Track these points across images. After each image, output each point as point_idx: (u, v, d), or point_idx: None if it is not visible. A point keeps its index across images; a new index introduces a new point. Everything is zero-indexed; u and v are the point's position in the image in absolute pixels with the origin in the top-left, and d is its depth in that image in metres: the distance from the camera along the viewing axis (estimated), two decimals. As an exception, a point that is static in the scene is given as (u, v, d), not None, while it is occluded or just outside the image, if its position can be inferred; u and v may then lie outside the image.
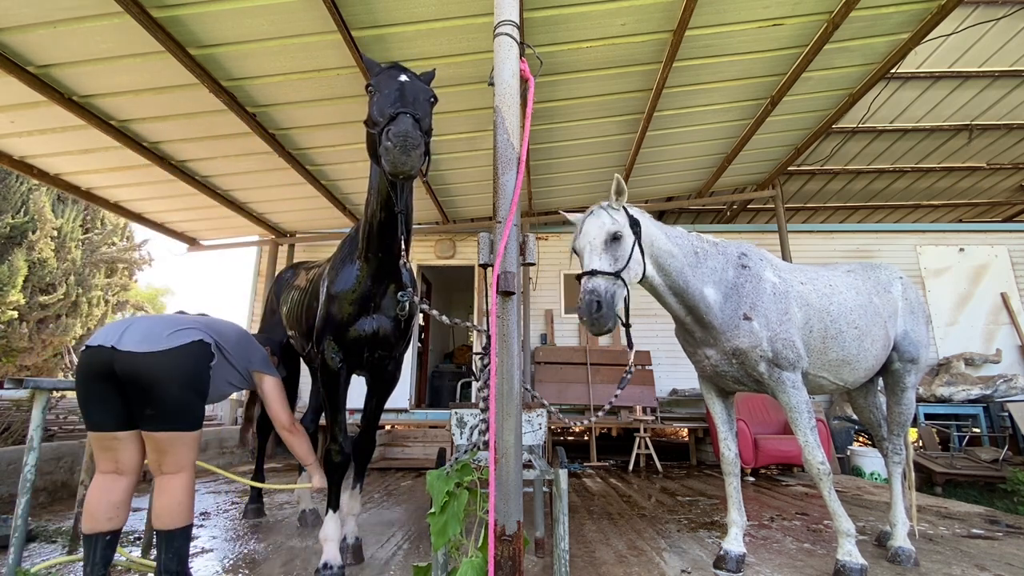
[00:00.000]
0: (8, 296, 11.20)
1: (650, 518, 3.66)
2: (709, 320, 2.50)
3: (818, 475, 2.37)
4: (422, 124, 1.98)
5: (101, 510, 1.86)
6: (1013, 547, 2.95)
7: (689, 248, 2.54)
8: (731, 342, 2.46)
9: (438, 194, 6.83)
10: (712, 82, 4.92)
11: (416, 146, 1.84)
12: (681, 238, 2.56)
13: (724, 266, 2.57)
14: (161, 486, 1.91)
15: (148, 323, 1.99)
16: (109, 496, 1.88)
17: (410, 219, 2.34)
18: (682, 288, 2.46)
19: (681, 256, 2.47)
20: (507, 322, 1.54)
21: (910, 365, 2.84)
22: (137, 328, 1.94)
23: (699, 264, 2.51)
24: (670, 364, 7.18)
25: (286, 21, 3.63)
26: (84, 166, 5.42)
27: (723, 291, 2.51)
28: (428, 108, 2.14)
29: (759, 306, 2.46)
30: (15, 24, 3.43)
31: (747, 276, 2.53)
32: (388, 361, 2.70)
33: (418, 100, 2.06)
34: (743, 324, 2.44)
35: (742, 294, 2.49)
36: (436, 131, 5.23)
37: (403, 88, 2.07)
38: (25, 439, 2.28)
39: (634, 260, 2.28)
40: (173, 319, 2.07)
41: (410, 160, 1.84)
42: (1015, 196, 9.01)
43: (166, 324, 2.00)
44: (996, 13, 5.29)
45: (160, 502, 1.89)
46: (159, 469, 1.91)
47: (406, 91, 2.05)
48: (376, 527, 3.35)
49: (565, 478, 2.00)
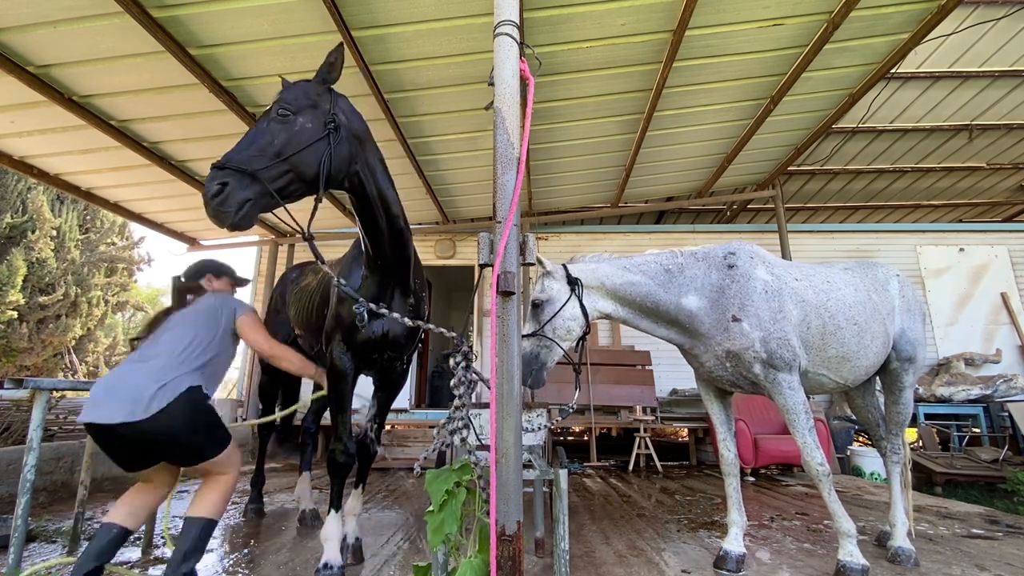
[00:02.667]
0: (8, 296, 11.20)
1: (650, 518, 3.66)
2: (695, 327, 2.51)
3: (817, 476, 2.37)
4: (239, 163, 1.77)
5: (126, 505, 2.02)
6: (1013, 547, 2.94)
7: (657, 269, 2.58)
8: (722, 345, 2.45)
9: (438, 194, 6.83)
10: (712, 82, 4.92)
11: (208, 201, 1.72)
12: (646, 264, 2.60)
13: (707, 271, 2.56)
14: (210, 480, 2.10)
15: (132, 386, 1.94)
16: (142, 498, 2.07)
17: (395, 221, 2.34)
18: (652, 308, 2.53)
19: (646, 280, 2.54)
20: (507, 322, 1.54)
21: (908, 364, 2.83)
22: (121, 395, 1.91)
23: (671, 280, 2.55)
24: (670, 364, 7.17)
25: (286, 21, 3.63)
26: (84, 166, 5.42)
27: (708, 296, 2.51)
28: (272, 131, 1.91)
29: (748, 306, 2.43)
30: (15, 24, 3.43)
31: (734, 276, 2.51)
32: (397, 363, 2.70)
33: (254, 133, 1.89)
34: (732, 326, 2.42)
35: (728, 295, 2.47)
36: (436, 131, 5.28)
37: None
38: (25, 439, 2.28)
39: (564, 318, 2.48)
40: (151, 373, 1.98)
41: (213, 218, 1.74)
42: (1015, 196, 9.01)
43: (149, 380, 1.95)
44: (996, 13, 5.29)
45: (203, 489, 2.08)
46: (207, 471, 2.11)
47: (246, 134, 1.92)
48: (376, 527, 3.35)
49: (565, 478, 2.00)
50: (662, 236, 8.40)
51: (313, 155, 2.00)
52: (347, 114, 2.16)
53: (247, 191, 1.77)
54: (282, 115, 1.94)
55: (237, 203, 1.75)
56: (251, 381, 7.53)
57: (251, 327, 2.35)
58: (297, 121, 1.97)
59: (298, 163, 1.93)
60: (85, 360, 14.41)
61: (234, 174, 1.75)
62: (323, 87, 2.12)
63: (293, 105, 1.97)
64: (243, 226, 1.79)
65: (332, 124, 2.06)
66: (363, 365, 2.57)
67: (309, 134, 1.99)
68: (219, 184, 1.72)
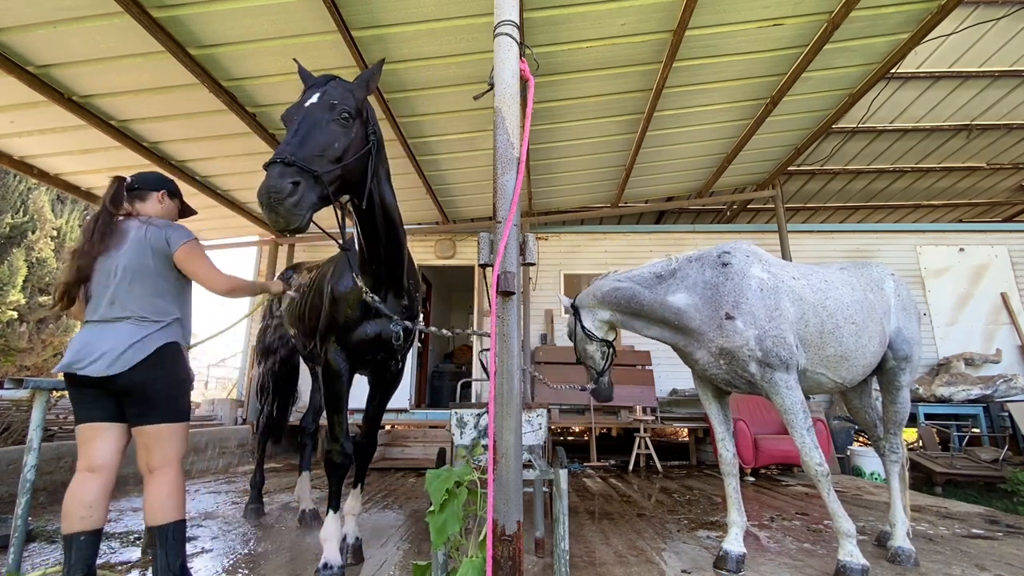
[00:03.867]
0: (8, 296, 11.20)
1: (650, 518, 3.66)
2: (685, 324, 2.54)
3: (816, 476, 2.36)
4: (307, 162, 1.68)
5: (73, 509, 1.86)
6: (1013, 547, 2.94)
7: (648, 276, 2.71)
8: (715, 343, 2.46)
9: (438, 194, 6.83)
10: (712, 82, 4.92)
11: (281, 200, 1.59)
12: (639, 273, 2.75)
13: (700, 270, 2.60)
14: (151, 482, 1.94)
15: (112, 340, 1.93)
16: (82, 495, 1.88)
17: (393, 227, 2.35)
18: (637, 308, 2.66)
19: (631, 284, 2.69)
20: (507, 322, 1.54)
21: (904, 363, 2.83)
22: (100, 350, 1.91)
23: (661, 282, 2.66)
24: (670, 364, 7.16)
25: (286, 21, 3.63)
26: (84, 166, 5.42)
27: (700, 293, 2.54)
28: (333, 132, 1.84)
29: (743, 304, 2.43)
30: (15, 24, 3.44)
31: (728, 274, 2.52)
32: (391, 362, 2.70)
33: (314, 130, 1.79)
34: (726, 324, 2.43)
35: (723, 293, 2.48)
36: (436, 131, 5.28)
37: (297, 120, 1.82)
38: (25, 439, 2.28)
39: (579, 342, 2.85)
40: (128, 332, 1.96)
41: (279, 218, 1.61)
42: (1015, 196, 9.02)
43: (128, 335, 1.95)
44: (996, 13, 5.29)
45: (151, 498, 1.92)
46: (148, 466, 1.95)
47: (300, 124, 1.79)
48: (376, 527, 3.35)
49: (565, 478, 2.00)
50: (662, 236, 8.40)
51: (360, 165, 2.02)
52: (376, 125, 2.18)
53: (313, 193, 1.69)
54: (344, 119, 1.90)
55: (309, 205, 1.67)
56: (251, 381, 7.53)
57: (195, 258, 2.12)
58: (354, 128, 1.95)
59: (349, 170, 1.93)
60: (85, 360, 14.39)
61: (303, 173, 1.66)
62: (365, 94, 2.10)
63: (349, 109, 1.93)
64: (303, 230, 1.68)
65: (375, 136, 2.09)
66: (358, 365, 2.58)
67: (359, 143, 1.99)
68: (292, 183, 1.62)
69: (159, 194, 2.26)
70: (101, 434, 1.95)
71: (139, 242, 2.05)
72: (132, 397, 1.93)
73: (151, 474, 1.94)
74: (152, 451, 1.94)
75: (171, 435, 1.98)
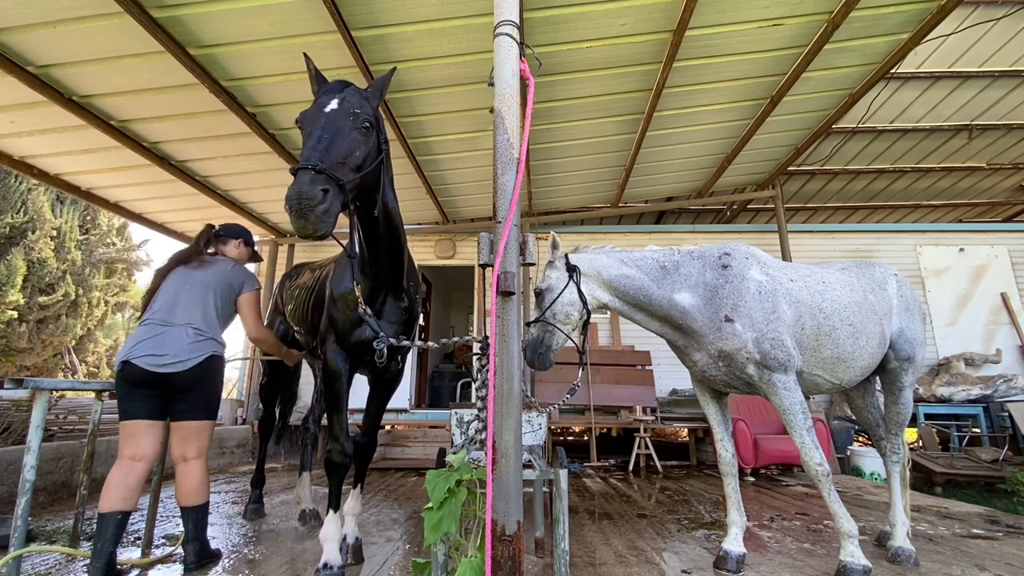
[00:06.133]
0: (8, 296, 11.21)
1: (650, 518, 3.66)
2: (688, 324, 2.52)
3: (817, 476, 2.36)
4: (333, 170, 1.68)
5: (118, 491, 2.15)
6: (1013, 547, 2.94)
7: (652, 265, 2.63)
8: (714, 345, 2.46)
9: (438, 194, 6.83)
10: (712, 82, 4.92)
11: (312, 207, 1.58)
12: (643, 259, 2.65)
13: (701, 270, 2.58)
14: (185, 470, 2.31)
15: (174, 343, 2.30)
16: (127, 479, 2.18)
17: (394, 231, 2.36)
18: (645, 302, 2.57)
19: (641, 275, 2.58)
20: (507, 322, 1.54)
21: (907, 364, 2.82)
22: (164, 348, 2.28)
23: (666, 276, 2.59)
24: (670, 364, 7.17)
25: (286, 21, 3.63)
26: (84, 166, 5.42)
27: (701, 294, 2.52)
28: (355, 141, 1.84)
29: (741, 306, 2.43)
30: (15, 24, 3.43)
31: (728, 276, 2.51)
32: (391, 362, 2.70)
33: (338, 138, 1.78)
34: (725, 326, 2.43)
35: (722, 295, 2.48)
36: (436, 131, 5.28)
37: (319, 125, 1.79)
38: (25, 439, 2.29)
39: (562, 303, 2.56)
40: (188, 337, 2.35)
41: (308, 225, 1.59)
42: (1015, 196, 9.01)
43: (188, 339, 2.34)
44: (996, 13, 5.29)
45: (186, 483, 2.30)
46: (183, 456, 2.32)
47: (323, 130, 1.77)
48: (376, 527, 3.35)
49: (565, 478, 2.00)
50: (662, 236, 8.40)
51: (375, 173, 2.03)
52: (385, 133, 2.18)
53: (339, 201, 1.69)
54: (365, 128, 1.90)
55: (336, 213, 1.67)
56: (251, 381, 7.53)
57: (252, 306, 2.65)
58: (372, 136, 1.96)
59: (365, 179, 1.94)
60: (85, 360, 14.42)
61: (331, 181, 1.65)
62: (379, 102, 2.10)
63: (369, 118, 1.93)
64: (327, 237, 1.69)
65: (386, 145, 2.10)
66: (357, 365, 2.59)
67: (375, 152, 2.00)
68: (322, 189, 1.61)
69: (237, 241, 2.87)
70: (148, 431, 2.28)
71: (224, 273, 2.56)
72: (183, 394, 2.29)
73: (186, 463, 2.31)
74: (189, 443, 2.32)
75: (207, 430, 2.38)
